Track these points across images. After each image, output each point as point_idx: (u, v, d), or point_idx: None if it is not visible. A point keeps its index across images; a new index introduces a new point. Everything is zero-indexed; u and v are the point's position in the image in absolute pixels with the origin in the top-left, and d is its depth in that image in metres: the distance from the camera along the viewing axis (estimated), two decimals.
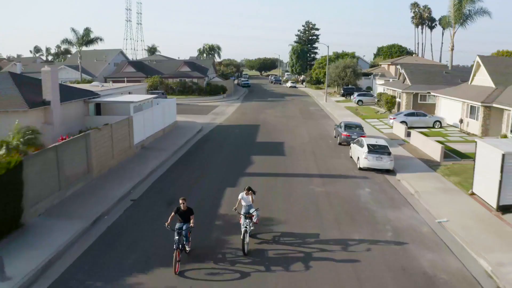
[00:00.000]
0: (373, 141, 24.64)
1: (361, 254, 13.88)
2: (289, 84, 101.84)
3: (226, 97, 68.95)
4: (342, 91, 69.30)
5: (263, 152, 28.94)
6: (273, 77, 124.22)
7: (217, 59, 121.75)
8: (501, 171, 16.93)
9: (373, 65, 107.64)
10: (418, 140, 30.30)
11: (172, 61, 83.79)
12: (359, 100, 57.95)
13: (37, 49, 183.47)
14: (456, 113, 38.31)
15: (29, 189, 15.48)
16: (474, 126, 34.84)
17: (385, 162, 23.19)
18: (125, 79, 57.39)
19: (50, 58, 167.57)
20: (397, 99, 48.48)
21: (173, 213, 13.48)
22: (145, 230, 15.54)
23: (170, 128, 35.57)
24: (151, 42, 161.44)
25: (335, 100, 65.99)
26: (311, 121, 43.99)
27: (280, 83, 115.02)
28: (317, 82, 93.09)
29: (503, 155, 16.80)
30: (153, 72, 71.02)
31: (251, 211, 14.56)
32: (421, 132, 32.83)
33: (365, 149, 23.58)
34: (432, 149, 27.01)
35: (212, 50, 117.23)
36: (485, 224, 16.33)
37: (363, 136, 27.94)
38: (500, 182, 17.06)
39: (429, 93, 43.75)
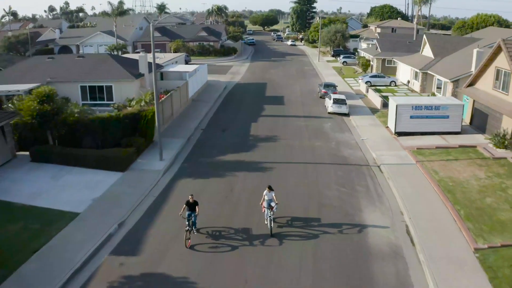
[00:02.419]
0: (337, 96, 40.28)
1: (318, 148, 29.88)
2: (289, 42, 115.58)
3: (237, 56, 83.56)
4: (332, 52, 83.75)
5: (270, 102, 44.63)
6: (275, 34, 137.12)
7: (224, 18, 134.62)
8: (396, 114, 32.66)
9: (364, 25, 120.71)
10: (372, 94, 45.81)
11: (191, 26, 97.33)
12: (344, 61, 72.76)
13: (51, 9, 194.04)
14: (407, 75, 53.52)
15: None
16: (416, 85, 50.13)
17: (343, 109, 38.94)
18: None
19: (61, 16, 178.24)
20: (371, 62, 63.37)
21: (184, 205, 17.90)
22: (215, 141, 31.56)
23: (205, 86, 51.02)
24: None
25: (326, 60, 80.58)
26: (304, 80, 59.25)
27: (281, 41, 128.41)
28: (313, 42, 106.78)
29: (397, 105, 32.48)
30: (176, 36, 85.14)
31: (272, 204, 18.28)
32: (377, 89, 48.37)
33: (331, 101, 39.34)
34: (377, 101, 42.62)
35: (220, 10, 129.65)
36: (385, 140, 32.26)
37: (335, 93, 43.52)
38: (395, 119, 32.83)
39: (392, 59, 58.67)
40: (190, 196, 18.19)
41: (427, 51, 52.29)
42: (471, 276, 15.97)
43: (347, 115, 39.11)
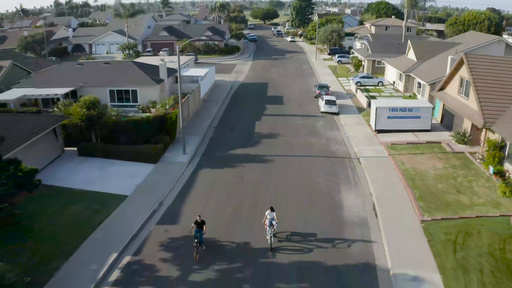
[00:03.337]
0: (328, 98, 46.62)
1: (311, 144, 36.33)
2: (289, 38, 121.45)
3: (240, 55, 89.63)
4: (328, 51, 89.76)
5: (271, 102, 50.98)
6: (275, 30, 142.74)
7: (226, 13, 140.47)
8: (376, 114, 39.05)
9: (361, 22, 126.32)
10: (360, 94, 52.12)
11: (197, 25, 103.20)
12: (338, 60, 78.88)
13: (57, 3, 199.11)
14: (393, 76, 59.75)
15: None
16: (400, 86, 56.39)
17: (333, 109, 45.31)
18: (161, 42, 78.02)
19: (64, 11, 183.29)
20: (363, 63, 69.51)
21: (193, 224, 20.80)
22: (225, 138, 38.02)
23: (213, 86, 57.31)
24: None
25: (323, 58, 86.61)
26: (302, 79, 65.45)
27: (282, 36, 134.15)
28: (311, 39, 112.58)
29: (376, 108, 38.87)
30: (183, 35, 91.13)
31: (273, 222, 21.29)
32: (366, 89, 54.69)
33: (324, 102, 45.72)
34: (364, 101, 48.95)
35: (223, 7, 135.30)
36: (367, 137, 38.69)
37: (328, 94, 49.87)
38: (375, 119, 39.22)
39: (382, 60, 64.83)
40: (198, 217, 21.24)
41: (411, 55, 58.41)
42: (414, 239, 22.55)
43: (337, 114, 45.46)
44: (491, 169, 30.06)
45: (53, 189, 28.06)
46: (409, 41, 58.86)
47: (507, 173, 29.45)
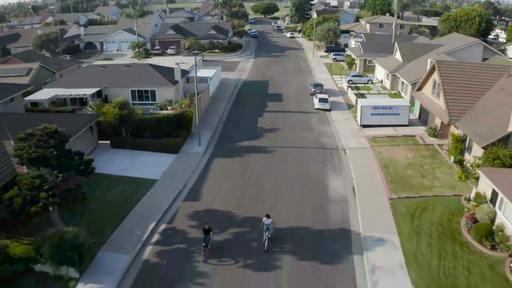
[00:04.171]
0: (321, 96, 53.20)
1: (306, 138, 43.02)
2: (288, 34, 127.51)
3: (242, 52, 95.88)
4: (325, 48, 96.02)
5: (272, 99, 57.55)
6: (276, 26, 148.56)
7: (228, 9, 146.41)
8: (361, 112, 45.68)
9: (357, 18, 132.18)
10: (350, 92, 58.64)
11: (202, 24, 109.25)
12: (334, 58, 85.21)
13: None
14: (382, 75, 66.18)
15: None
16: (387, 84, 62.87)
17: (326, 106, 51.93)
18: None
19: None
20: (355, 61, 75.88)
21: (202, 231, 24.53)
22: (233, 132, 44.69)
23: (220, 84, 63.80)
24: None
25: (320, 55, 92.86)
26: (299, 77, 71.90)
27: (281, 31, 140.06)
28: (309, 35, 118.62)
29: (361, 106, 45.50)
30: (188, 34, 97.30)
31: (269, 227, 25.19)
32: (356, 87, 61.24)
33: (317, 100, 52.32)
34: (353, 98, 55.49)
35: (225, 3, 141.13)
36: (353, 131, 45.34)
37: (322, 92, 56.46)
38: (361, 116, 45.84)
39: (372, 59, 71.21)
40: (205, 225, 25.07)
41: (398, 56, 64.79)
42: (382, 212, 29.35)
43: (329, 110, 52.06)
44: (452, 158, 36.79)
45: (95, 175, 34.62)
46: (396, 44, 65.20)
47: (465, 162, 36.16)
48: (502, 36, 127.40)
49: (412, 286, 22.54)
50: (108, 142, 40.27)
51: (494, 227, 26.31)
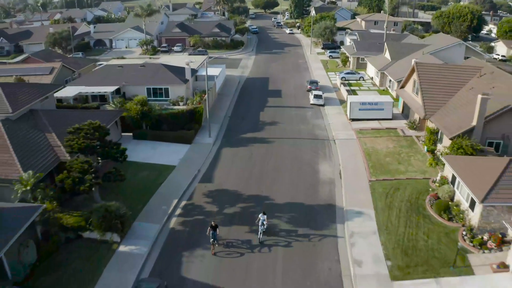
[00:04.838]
0: (316, 92, 59.51)
1: (301, 130, 49.42)
2: (288, 30, 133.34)
3: (244, 49, 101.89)
4: (322, 45, 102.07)
5: (272, 95, 63.88)
6: (275, 21, 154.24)
7: (229, 5, 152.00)
8: (350, 107, 52.05)
9: (353, 15, 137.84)
10: (343, 88, 64.91)
11: (206, 22, 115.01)
12: (330, 55, 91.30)
13: None
14: (372, 73, 72.36)
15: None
16: (377, 81, 69.08)
17: (320, 101, 58.28)
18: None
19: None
20: (349, 59, 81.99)
21: (209, 228, 27.96)
22: (238, 125, 51.11)
23: (225, 81, 70.04)
24: None
25: (317, 52, 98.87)
26: (297, 74, 78.09)
27: (281, 27, 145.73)
28: (307, 32, 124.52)
29: (350, 102, 51.86)
30: (193, 32, 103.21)
31: (264, 222, 29.13)
32: (349, 83, 67.56)
33: (313, 96, 58.69)
34: (345, 94, 61.78)
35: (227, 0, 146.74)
36: (343, 124, 51.71)
37: (317, 88, 62.81)
38: (350, 110, 52.21)
39: (364, 57, 77.35)
40: (212, 222, 28.68)
41: (387, 55, 70.92)
42: (362, 191, 35.87)
43: (323, 105, 58.41)
44: (425, 148, 43.23)
45: (123, 163, 41.12)
46: (385, 44, 71.30)
47: (436, 151, 42.57)
48: (495, 32, 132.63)
49: (382, 246, 29.06)
50: (130, 134, 46.62)
51: (450, 203, 32.84)
